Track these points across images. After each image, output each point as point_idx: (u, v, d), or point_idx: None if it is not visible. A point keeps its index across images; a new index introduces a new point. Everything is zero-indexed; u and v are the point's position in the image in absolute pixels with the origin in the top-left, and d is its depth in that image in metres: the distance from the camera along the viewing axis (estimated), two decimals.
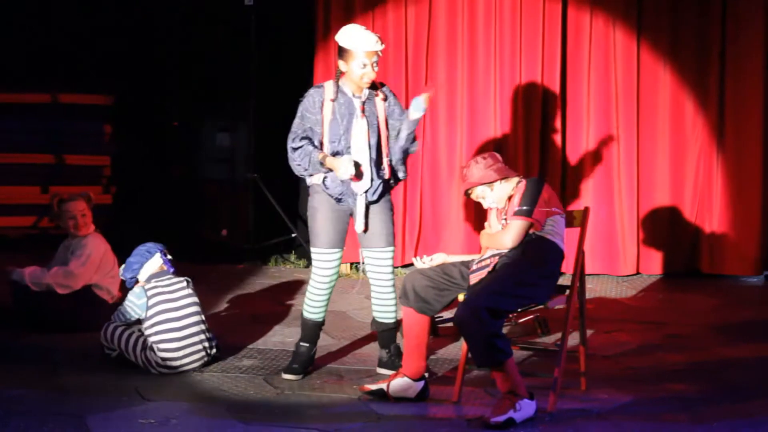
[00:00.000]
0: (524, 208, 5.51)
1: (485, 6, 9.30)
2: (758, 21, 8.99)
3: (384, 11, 9.46)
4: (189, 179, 10.10)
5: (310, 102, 6.12)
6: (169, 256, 6.67)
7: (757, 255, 9.05)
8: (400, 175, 6.31)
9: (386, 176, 6.20)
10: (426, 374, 5.80)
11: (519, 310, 5.81)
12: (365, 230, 6.18)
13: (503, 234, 5.56)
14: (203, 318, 6.50)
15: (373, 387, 5.81)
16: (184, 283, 6.53)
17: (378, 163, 6.17)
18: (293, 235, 9.77)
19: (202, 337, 6.40)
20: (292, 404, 5.74)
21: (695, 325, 7.54)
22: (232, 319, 7.83)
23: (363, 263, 6.40)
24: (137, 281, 6.58)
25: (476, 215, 9.06)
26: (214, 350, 6.48)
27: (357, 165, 6.00)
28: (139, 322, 6.45)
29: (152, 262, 6.59)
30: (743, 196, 9.06)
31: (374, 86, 6.17)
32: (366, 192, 6.13)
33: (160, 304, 6.38)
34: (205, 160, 10.01)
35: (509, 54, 9.30)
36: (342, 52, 6.08)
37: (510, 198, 5.65)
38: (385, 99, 6.22)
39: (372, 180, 6.13)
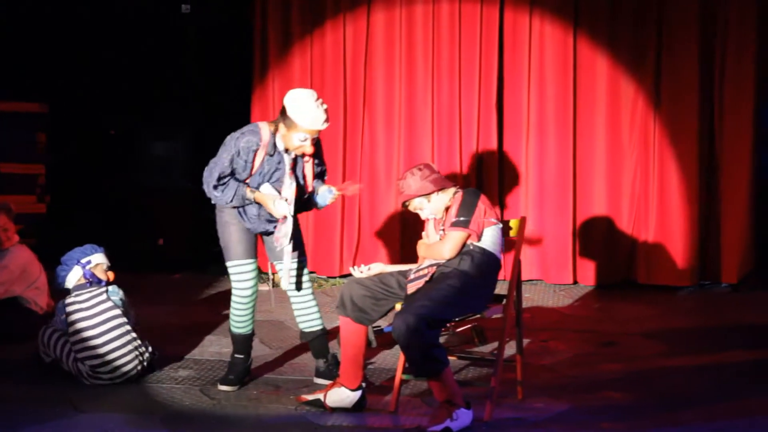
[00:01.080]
0: (461, 218, 5.52)
1: (423, 17, 9.35)
2: (693, 29, 9.05)
3: (322, 33, 9.53)
4: (126, 188, 10.01)
5: (245, 148, 5.92)
6: (100, 262, 6.56)
7: (692, 265, 9.06)
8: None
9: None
10: (363, 384, 5.77)
11: (456, 319, 5.80)
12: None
13: (441, 244, 5.57)
14: (129, 328, 6.36)
15: (310, 397, 5.79)
16: (104, 295, 6.40)
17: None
18: None
19: (130, 348, 6.28)
20: (229, 415, 5.69)
21: (631, 334, 7.56)
22: (168, 329, 7.73)
23: (271, 275, 6.43)
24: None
25: (414, 225, 9.04)
26: (147, 355, 6.39)
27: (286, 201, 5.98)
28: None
29: (73, 273, 6.51)
30: (679, 207, 9.08)
31: None
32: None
33: (79, 322, 6.29)
34: (142, 169, 9.92)
35: (447, 64, 9.36)
36: (285, 116, 5.88)
37: (447, 209, 5.66)
38: (313, 156, 6.13)
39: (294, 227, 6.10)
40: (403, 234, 9.36)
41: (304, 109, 5.84)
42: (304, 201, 6.16)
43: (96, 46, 10.06)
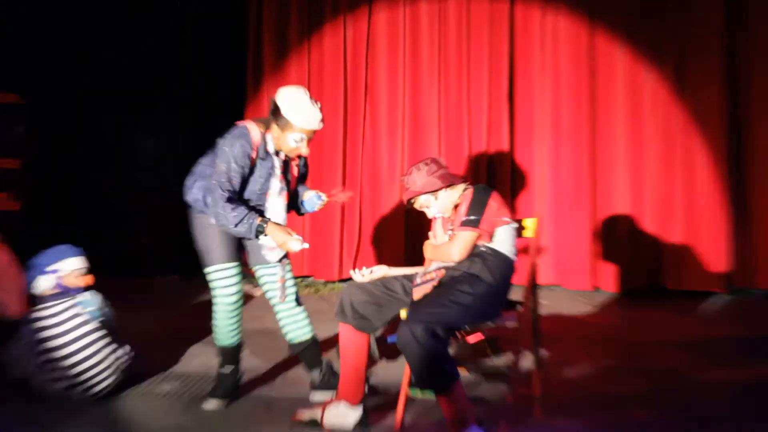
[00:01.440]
0: (471, 217, 5.33)
1: (428, 14, 9.45)
2: (716, 17, 8.94)
3: (320, 35, 9.59)
4: (109, 185, 10.07)
5: (240, 153, 5.67)
6: (74, 268, 6.17)
7: (725, 269, 8.98)
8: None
9: None
10: (365, 396, 5.53)
11: (467, 328, 5.53)
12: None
13: (449, 246, 5.35)
14: (106, 341, 6.02)
15: (307, 416, 5.51)
16: (76, 308, 6.05)
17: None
18: None
19: (106, 364, 5.95)
20: None
21: (659, 345, 7.36)
22: (152, 337, 7.53)
23: (256, 279, 6.18)
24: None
25: (419, 225, 8.98)
26: (126, 363, 6.07)
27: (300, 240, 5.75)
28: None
29: (42, 281, 6.15)
30: (708, 206, 9.01)
31: None
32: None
33: (49, 340, 5.96)
34: (131, 166, 10.04)
35: (455, 60, 9.44)
36: (279, 116, 5.66)
37: (456, 206, 5.50)
38: (299, 158, 6.03)
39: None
40: (407, 234, 9.35)
41: (299, 107, 5.65)
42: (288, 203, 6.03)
43: (81, 38, 10.06)
